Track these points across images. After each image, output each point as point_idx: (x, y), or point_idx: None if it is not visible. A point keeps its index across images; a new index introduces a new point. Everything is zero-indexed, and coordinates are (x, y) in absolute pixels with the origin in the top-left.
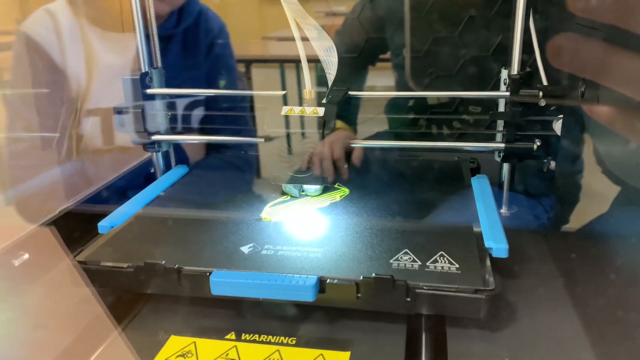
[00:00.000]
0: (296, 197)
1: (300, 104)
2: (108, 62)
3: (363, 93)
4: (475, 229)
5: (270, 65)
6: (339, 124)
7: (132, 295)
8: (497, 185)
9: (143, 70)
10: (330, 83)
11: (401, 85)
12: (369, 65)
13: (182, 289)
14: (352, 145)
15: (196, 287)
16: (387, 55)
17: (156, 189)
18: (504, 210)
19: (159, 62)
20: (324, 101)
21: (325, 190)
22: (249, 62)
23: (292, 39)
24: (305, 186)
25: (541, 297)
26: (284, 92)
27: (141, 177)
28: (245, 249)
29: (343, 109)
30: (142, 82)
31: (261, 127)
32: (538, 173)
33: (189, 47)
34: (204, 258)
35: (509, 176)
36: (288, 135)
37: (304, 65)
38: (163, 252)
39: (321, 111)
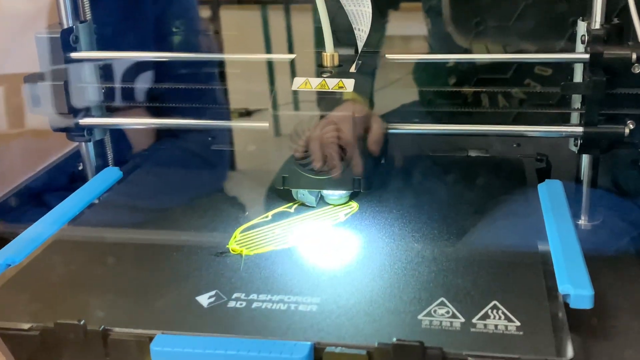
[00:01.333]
0: (312, 206)
1: (318, 74)
2: (13, 6)
3: (403, 56)
4: (544, 264)
5: (246, 7)
6: (348, 93)
7: None
8: (572, 184)
9: (65, 26)
10: (360, 44)
11: (436, 38)
12: (390, 10)
13: None
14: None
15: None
16: None
17: (79, 201)
18: (583, 220)
19: (87, 13)
20: (352, 69)
21: (353, 195)
22: (216, 3)
23: None
24: (325, 192)
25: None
26: (292, 56)
27: (63, 176)
28: (203, 300)
29: None
30: (64, 42)
31: (244, 103)
32: (631, 166)
33: None
34: (143, 314)
35: (590, 172)
36: (303, 118)
37: (323, 15)
38: (83, 304)
39: (350, 84)
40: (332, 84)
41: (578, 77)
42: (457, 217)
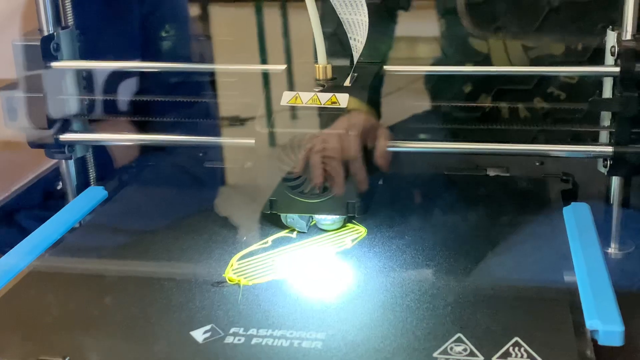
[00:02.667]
0: (303, 232)
1: (310, 88)
2: None
3: (403, 68)
4: (570, 296)
5: (240, 4)
6: (352, 102)
7: None
8: (601, 207)
9: (45, 32)
10: (356, 55)
11: (453, 43)
12: (399, 11)
13: None
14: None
15: None
16: None
17: (60, 225)
18: (613, 249)
19: (69, 18)
20: (347, 82)
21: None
22: (206, 2)
23: None
24: (317, 217)
25: None
26: (283, 67)
27: (38, 196)
28: (198, 335)
29: None
30: (44, 51)
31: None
32: None
33: None
34: (131, 352)
35: (621, 196)
36: (292, 137)
37: (315, 23)
38: (68, 341)
39: (343, 100)
40: (324, 98)
41: (607, 91)
42: (476, 244)
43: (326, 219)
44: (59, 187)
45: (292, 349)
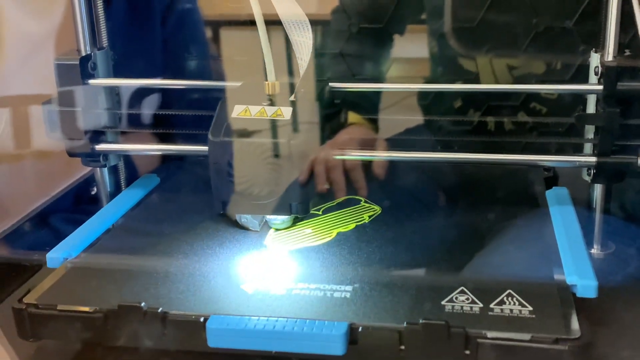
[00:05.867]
0: (256, 230)
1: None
2: (23, 28)
3: (347, 85)
4: (553, 260)
5: (246, 28)
6: (353, 117)
7: (100, 350)
8: (584, 212)
9: (83, 53)
10: (301, 72)
11: (440, 61)
12: (396, 35)
13: (168, 341)
14: (358, 156)
15: (187, 338)
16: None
17: (120, 207)
18: (595, 249)
19: (104, 40)
20: (292, 98)
21: (299, 220)
22: (216, 25)
23: None
24: (268, 217)
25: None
26: (239, 84)
27: (70, 201)
28: (248, 288)
29: (357, 95)
30: (82, 69)
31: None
32: None
33: (135, 12)
34: (195, 300)
35: (603, 201)
36: (242, 146)
37: (264, 45)
38: (140, 291)
39: (287, 112)
40: (270, 111)
41: (591, 107)
42: (469, 221)
43: (276, 219)
44: (93, 192)
45: (326, 298)
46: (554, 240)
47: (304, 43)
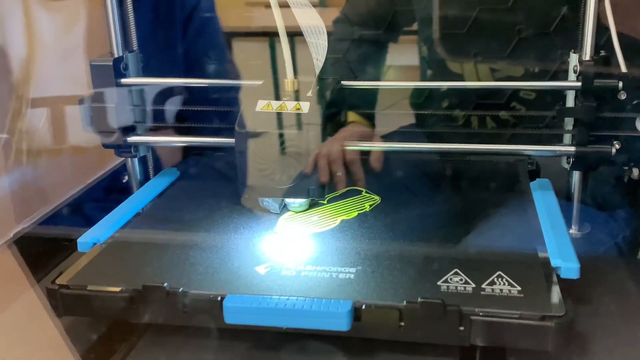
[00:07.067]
0: (276, 212)
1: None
2: (55, 35)
3: (357, 83)
4: (539, 245)
5: (256, 39)
6: (352, 116)
7: (126, 326)
8: (563, 198)
9: (116, 55)
10: (317, 71)
11: (431, 65)
12: (390, 43)
13: (188, 318)
14: (364, 147)
15: (206, 316)
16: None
17: (144, 197)
18: (574, 230)
19: (134, 44)
20: (309, 94)
21: (316, 205)
22: (229, 35)
23: (286, 5)
24: (287, 200)
25: (620, 329)
26: (260, 82)
27: (102, 189)
28: (261, 270)
29: (356, 96)
30: (115, 69)
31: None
32: (616, 182)
33: (159, 19)
34: (213, 280)
35: (580, 187)
36: (266, 137)
37: (284, 45)
38: (162, 273)
39: (305, 107)
40: (290, 106)
41: (570, 102)
42: (462, 210)
43: (294, 202)
44: (124, 180)
45: (331, 279)
46: (538, 226)
47: (320, 45)
